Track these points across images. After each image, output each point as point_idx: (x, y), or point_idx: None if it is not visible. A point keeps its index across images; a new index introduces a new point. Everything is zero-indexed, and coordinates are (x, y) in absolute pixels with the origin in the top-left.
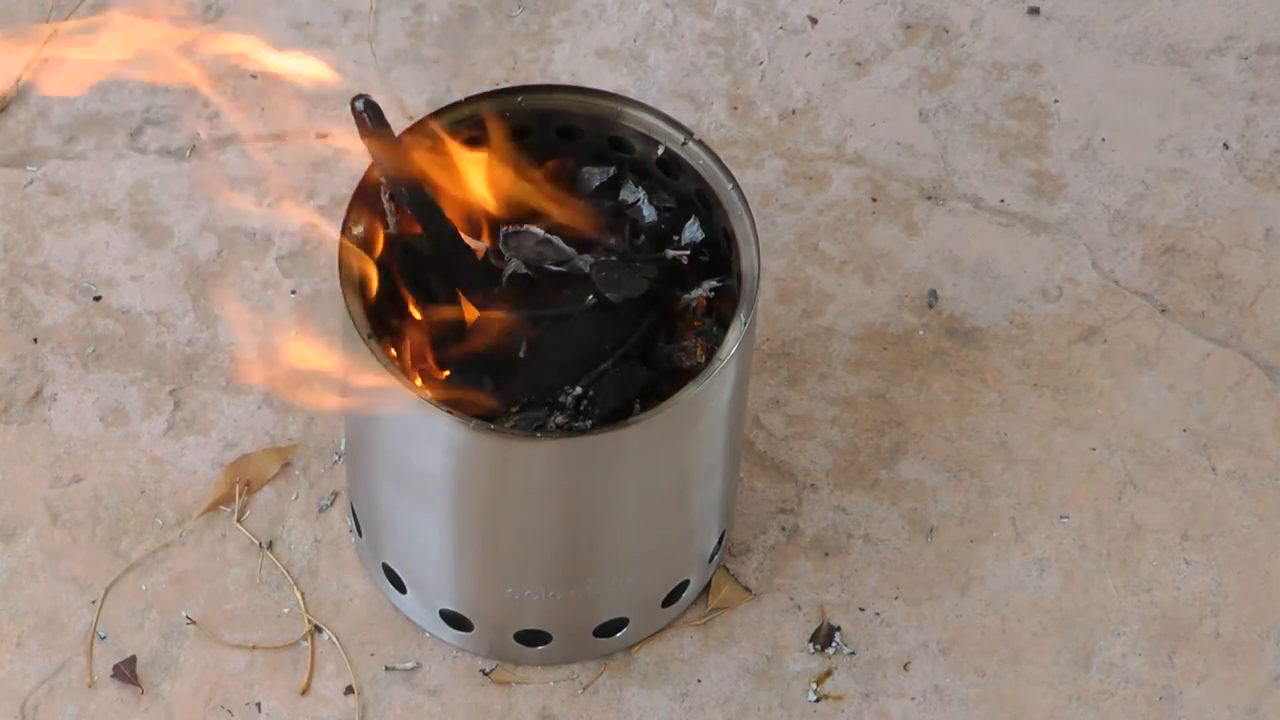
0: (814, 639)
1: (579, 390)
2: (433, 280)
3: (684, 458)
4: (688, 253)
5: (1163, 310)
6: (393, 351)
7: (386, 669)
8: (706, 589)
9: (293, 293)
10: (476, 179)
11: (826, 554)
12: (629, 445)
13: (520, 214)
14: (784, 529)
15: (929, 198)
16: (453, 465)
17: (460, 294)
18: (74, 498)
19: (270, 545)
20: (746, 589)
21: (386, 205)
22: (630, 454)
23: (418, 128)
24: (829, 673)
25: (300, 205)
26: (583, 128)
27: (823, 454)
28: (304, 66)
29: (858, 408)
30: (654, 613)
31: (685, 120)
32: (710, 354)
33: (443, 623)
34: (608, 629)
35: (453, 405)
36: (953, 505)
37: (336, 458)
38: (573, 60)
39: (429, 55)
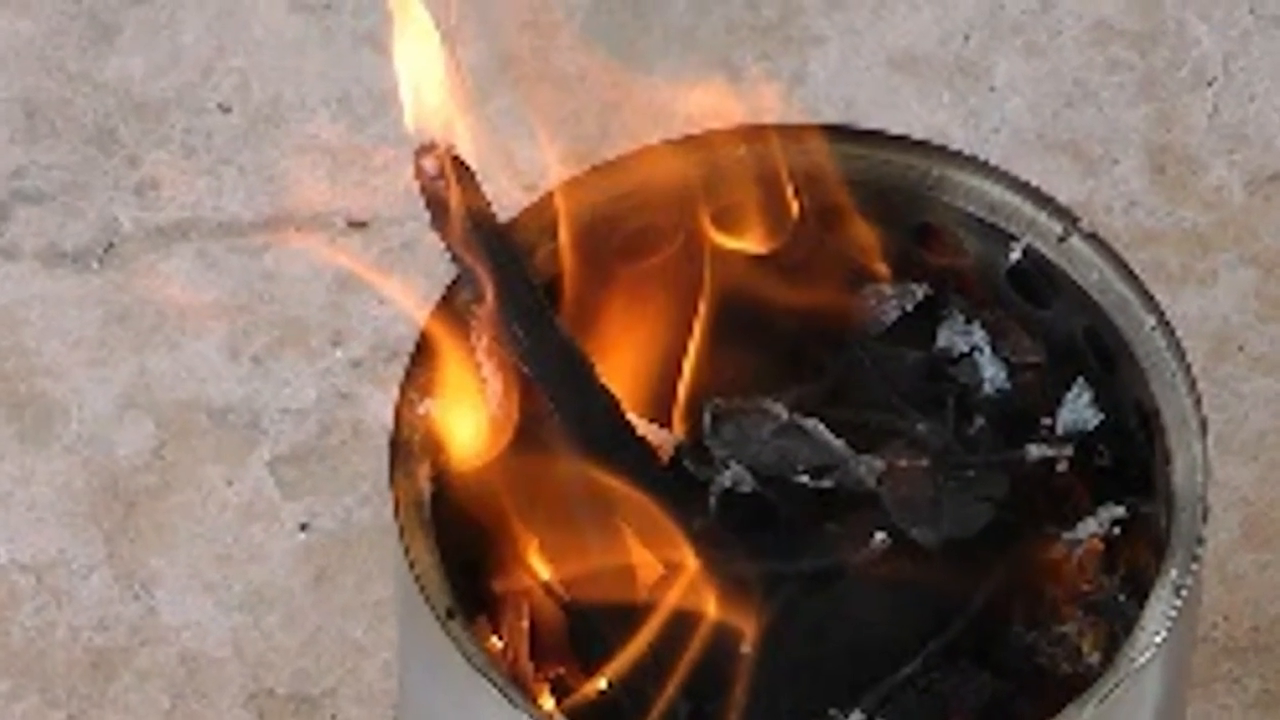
0: None
1: (858, 717)
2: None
3: None
4: (1070, 451)
5: None
6: (494, 640)
7: None
8: None
9: (302, 528)
10: (658, 309)
11: None
12: None
13: (741, 379)
14: None
15: None
16: None
17: (627, 530)
18: None
19: None
20: None
21: (482, 358)
22: None
23: (542, 207)
24: None
25: (314, 360)
26: (865, 208)
27: None
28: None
29: None
30: None
31: (1065, 194)
32: (1112, 651)
33: None
34: None
35: None
36: None
37: None
38: (844, 74)
39: (564, 65)
